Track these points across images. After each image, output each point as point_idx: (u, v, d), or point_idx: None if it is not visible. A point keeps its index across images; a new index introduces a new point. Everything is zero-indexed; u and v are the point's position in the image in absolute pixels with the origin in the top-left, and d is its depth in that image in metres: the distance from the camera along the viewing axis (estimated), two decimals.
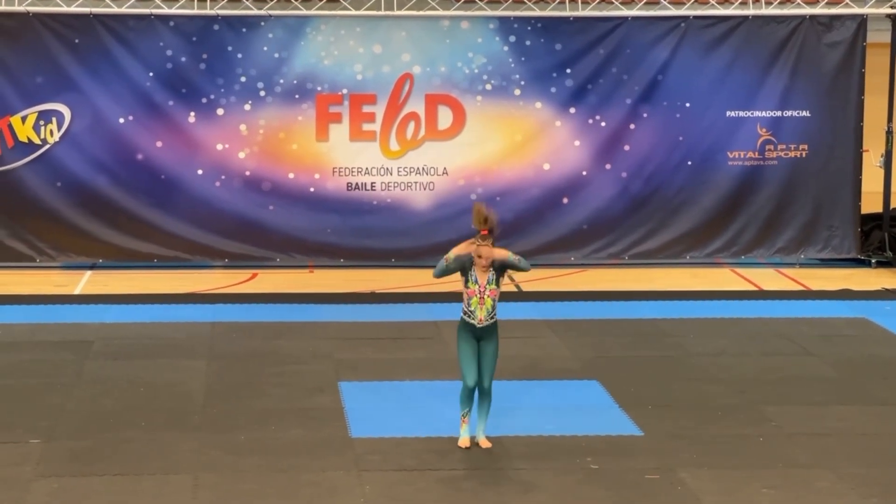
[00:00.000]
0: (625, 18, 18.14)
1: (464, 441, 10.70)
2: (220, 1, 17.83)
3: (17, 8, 17.56)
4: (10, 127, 17.67)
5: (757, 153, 18.33)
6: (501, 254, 10.61)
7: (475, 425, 10.77)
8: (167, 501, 9.53)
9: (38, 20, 17.56)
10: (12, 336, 14.14)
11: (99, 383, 12.42)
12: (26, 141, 17.72)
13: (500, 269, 10.66)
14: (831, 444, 10.88)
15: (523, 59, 18.11)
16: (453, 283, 16.96)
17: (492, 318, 10.65)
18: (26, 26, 17.56)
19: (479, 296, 10.60)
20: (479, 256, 10.54)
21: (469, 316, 10.64)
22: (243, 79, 17.89)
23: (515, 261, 10.62)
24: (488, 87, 18.13)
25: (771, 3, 18.25)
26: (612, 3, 18.22)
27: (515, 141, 18.24)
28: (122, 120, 17.81)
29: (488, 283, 10.60)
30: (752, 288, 17.32)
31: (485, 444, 10.69)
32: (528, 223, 18.24)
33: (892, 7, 18.38)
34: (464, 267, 10.61)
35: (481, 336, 10.67)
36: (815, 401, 12.11)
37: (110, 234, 17.94)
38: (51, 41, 17.57)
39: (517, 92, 18.15)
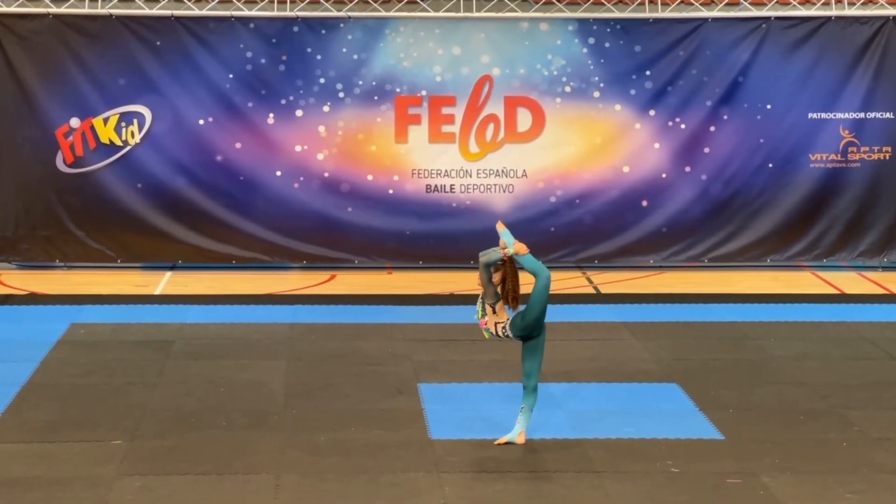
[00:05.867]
0: (705, 20, 18.03)
1: (509, 437, 10.77)
2: (300, 3, 17.92)
3: (100, 10, 17.73)
4: (92, 128, 17.84)
5: (839, 155, 18.16)
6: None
7: (520, 424, 10.78)
8: (249, 501, 9.57)
9: (120, 23, 17.72)
10: (95, 336, 14.27)
11: (180, 383, 12.50)
12: (108, 142, 17.88)
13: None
14: None
15: (602, 61, 18.05)
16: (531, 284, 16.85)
17: (505, 335, 10.67)
18: (109, 29, 17.73)
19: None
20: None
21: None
22: (322, 80, 17.96)
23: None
24: (567, 89, 18.09)
25: (854, 4, 18.08)
26: (692, 4, 18.13)
27: (595, 143, 18.18)
28: (201, 121, 17.93)
29: (475, 313, 10.82)
30: (834, 291, 17.16)
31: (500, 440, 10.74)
32: (607, 226, 18.19)
33: None
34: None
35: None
36: None
37: (190, 235, 18.07)
38: (133, 43, 17.73)
39: (596, 94, 18.09)
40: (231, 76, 17.87)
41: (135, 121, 17.87)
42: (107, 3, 17.82)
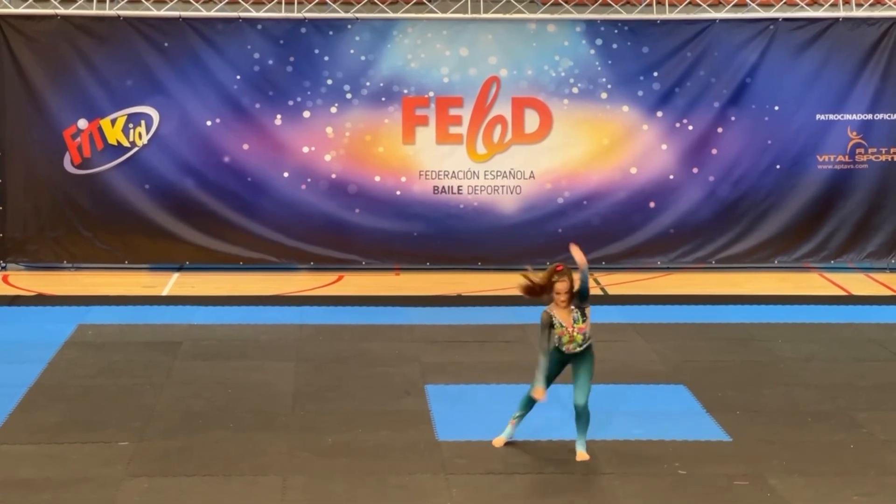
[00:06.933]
0: (713, 21, 18.03)
1: (498, 440, 10.71)
2: (308, 4, 17.92)
3: (108, 12, 17.75)
4: (100, 130, 17.86)
5: (847, 157, 18.14)
6: (576, 276, 10.47)
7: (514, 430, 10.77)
8: (256, 502, 9.57)
9: (128, 24, 17.74)
10: (103, 337, 14.28)
11: (188, 384, 12.51)
12: (115, 144, 17.90)
13: (580, 297, 10.47)
14: None
15: (610, 62, 18.04)
16: None
17: (582, 346, 10.55)
18: (117, 30, 17.74)
19: (568, 335, 10.49)
20: (558, 293, 10.40)
21: (559, 344, 10.55)
22: (330, 81, 17.96)
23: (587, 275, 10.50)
24: (575, 90, 18.08)
25: (861, 5, 18.06)
26: (700, 5, 18.11)
27: (602, 144, 18.17)
28: (209, 122, 17.94)
29: (574, 321, 10.48)
30: (842, 293, 17.14)
31: (582, 456, 10.51)
32: (615, 227, 18.18)
33: None
34: (551, 324, 10.48)
35: (571, 358, 10.59)
36: None
37: (197, 236, 18.07)
38: (141, 45, 17.74)
39: (604, 95, 18.08)
40: (238, 77, 17.88)
41: (142, 122, 17.88)
42: (115, 4, 17.84)
